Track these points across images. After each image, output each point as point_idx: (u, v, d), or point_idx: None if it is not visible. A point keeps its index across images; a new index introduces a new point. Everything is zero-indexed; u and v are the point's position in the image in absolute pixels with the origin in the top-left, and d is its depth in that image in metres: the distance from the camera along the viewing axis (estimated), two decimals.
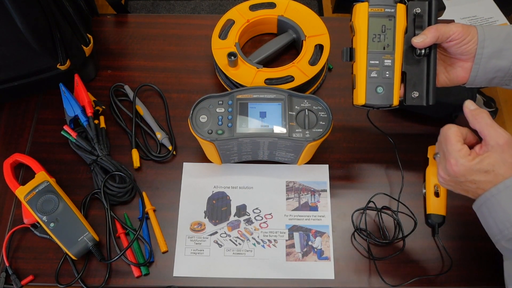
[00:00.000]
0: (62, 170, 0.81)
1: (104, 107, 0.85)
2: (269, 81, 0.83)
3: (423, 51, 0.63)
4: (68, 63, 0.79)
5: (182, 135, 0.85)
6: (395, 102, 0.65)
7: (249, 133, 0.70)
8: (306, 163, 0.82)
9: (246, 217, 0.79)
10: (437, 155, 0.62)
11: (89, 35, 0.85)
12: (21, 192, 0.73)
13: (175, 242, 0.76)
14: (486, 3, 1.21)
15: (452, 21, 0.96)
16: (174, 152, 0.83)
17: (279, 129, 0.70)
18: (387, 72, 0.64)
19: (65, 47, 0.78)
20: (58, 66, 0.79)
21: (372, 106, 0.65)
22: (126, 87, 0.88)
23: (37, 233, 0.74)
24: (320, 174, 0.82)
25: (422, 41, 0.62)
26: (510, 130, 0.88)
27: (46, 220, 0.72)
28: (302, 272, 0.74)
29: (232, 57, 0.81)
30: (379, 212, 0.78)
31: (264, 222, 0.78)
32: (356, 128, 0.86)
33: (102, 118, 0.84)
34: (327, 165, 0.83)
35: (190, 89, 0.90)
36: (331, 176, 0.82)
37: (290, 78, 0.83)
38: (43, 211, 0.72)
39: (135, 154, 0.82)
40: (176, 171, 0.82)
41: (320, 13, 1.78)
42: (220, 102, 0.71)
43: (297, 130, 0.70)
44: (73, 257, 0.71)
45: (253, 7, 0.90)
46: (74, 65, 0.82)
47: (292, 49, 0.93)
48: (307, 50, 0.85)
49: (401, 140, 0.83)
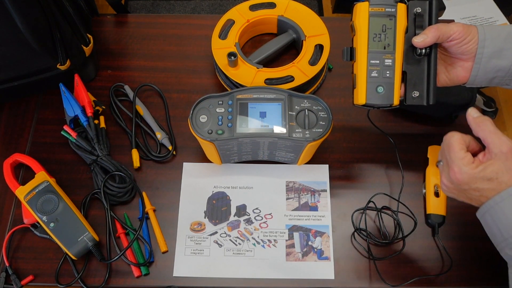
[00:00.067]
0: (62, 170, 0.81)
1: (104, 107, 0.85)
2: (269, 81, 0.83)
3: (424, 51, 0.63)
4: (68, 63, 0.79)
5: (182, 135, 0.85)
6: (396, 102, 0.65)
7: (249, 133, 0.70)
8: (306, 163, 0.82)
9: (246, 217, 0.78)
10: (440, 163, 0.62)
11: (89, 35, 0.85)
12: (21, 192, 0.73)
13: (175, 242, 0.76)
14: (486, 3, 1.21)
15: (452, 21, 0.96)
16: (174, 152, 0.83)
17: (279, 129, 0.70)
18: (388, 72, 0.64)
19: (65, 47, 0.78)
20: (58, 66, 0.79)
21: (373, 106, 0.65)
22: (126, 87, 0.88)
23: (37, 233, 0.74)
24: (320, 174, 0.82)
25: (423, 41, 0.62)
26: (510, 130, 0.88)
27: (46, 220, 0.72)
28: (302, 272, 0.74)
29: (232, 57, 0.81)
30: (379, 212, 0.78)
31: (264, 222, 0.78)
32: (356, 128, 0.86)
33: (102, 118, 0.84)
34: (327, 165, 0.83)
35: (190, 89, 0.90)
36: (331, 176, 0.82)
37: (290, 78, 0.83)
38: (43, 211, 0.72)
39: (135, 154, 0.82)
40: (176, 171, 0.82)
41: (320, 13, 1.78)
42: (220, 102, 0.71)
43: (297, 130, 0.70)
44: (73, 257, 0.71)
45: (253, 7, 0.90)
46: (74, 65, 0.82)
47: (292, 49, 0.93)
48: (307, 50, 0.85)
49: (401, 140, 0.83)
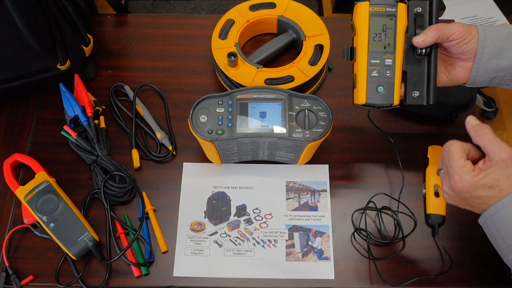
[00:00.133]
0: (62, 170, 0.81)
1: (104, 107, 0.85)
2: (269, 81, 0.83)
3: (424, 51, 0.63)
4: (68, 63, 0.79)
5: (182, 135, 0.85)
6: (396, 102, 0.65)
7: (249, 133, 0.70)
8: (306, 163, 0.82)
9: (246, 217, 0.78)
10: (441, 171, 0.62)
11: (89, 35, 0.85)
12: (21, 192, 0.73)
13: (175, 242, 0.76)
14: (486, 3, 1.21)
15: (452, 21, 0.96)
16: (174, 152, 0.83)
17: (279, 129, 0.70)
18: (388, 72, 0.64)
19: (65, 47, 0.78)
20: (58, 66, 0.79)
21: (373, 106, 0.65)
22: (126, 87, 0.88)
23: (37, 233, 0.74)
24: (320, 174, 0.82)
25: (423, 41, 0.62)
26: (510, 130, 0.88)
27: (46, 220, 0.72)
28: (302, 272, 0.74)
29: (232, 57, 0.81)
30: (379, 212, 0.78)
31: (264, 222, 0.78)
32: (356, 128, 0.86)
33: (102, 118, 0.84)
34: (327, 165, 0.83)
35: (190, 89, 0.90)
36: (331, 176, 0.82)
37: (290, 78, 0.83)
38: (43, 211, 0.72)
39: (135, 154, 0.82)
40: (176, 171, 0.82)
41: (320, 13, 1.78)
42: (220, 102, 0.71)
43: (297, 130, 0.69)
44: (73, 257, 0.71)
45: (253, 7, 0.90)
46: (74, 65, 0.82)
47: (292, 49, 0.93)
48: (307, 50, 0.85)
49: (401, 140, 0.83)
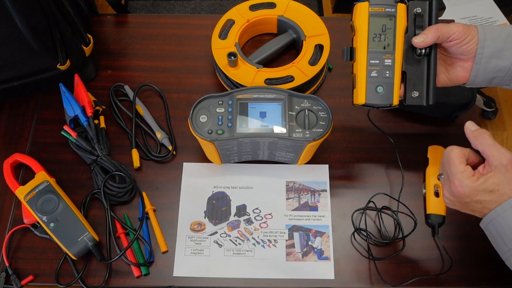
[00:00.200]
0: (62, 170, 0.81)
1: (104, 107, 0.85)
2: (269, 81, 0.83)
3: (424, 51, 0.63)
4: (68, 63, 0.79)
5: (182, 135, 0.85)
6: (395, 102, 0.65)
7: (249, 133, 0.70)
8: (306, 163, 0.82)
9: (246, 217, 0.79)
10: (441, 176, 0.63)
11: (89, 35, 0.85)
12: (21, 192, 0.73)
13: (175, 242, 0.76)
14: (486, 3, 1.21)
15: (452, 21, 0.96)
16: (174, 152, 0.83)
17: (279, 129, 0.70)
18: (387, 72, 0.64)
19: (65, 47, 0.78)
20: (58, 66, 0.79)
21: (372, 106, 0.65)
22: (126, 87, 0.88)
23: (37, 233, 0.74)
24: (320, 174, 0.82)
25: (423, 41, 0.62)
26: (510, 130, 0.88)
27: (46, 220, 0.72)
28: (302, 272, 0.74)
29: (232, 57, 0.81)
30: (379, 212, 0.78)
31: (264, 222, 0.78)
32: (356, 128, 0.86)
33: (102, 118, 0.84)
34: (327, 165, 0.83)
35: (190, 89, 0.90)
36: (331, 176, 0.82)
37: (290, 78, 0.83)
38: (43, 211, 0.72)
39: (135, 154, 0.82)
40: (176, 171, 0.82)
41: (320, 13, 1.78)
42: (220, 102, 0.71)
43: (297, 130, 0.70)
44: (73, 257, 0.71)
45: (253, 7, 0.90)
46: (74, 65, 0.82)
47: (292, 49, 0.93)
48: (307, 50, 0.85)
49: (401, 140, 0.83)
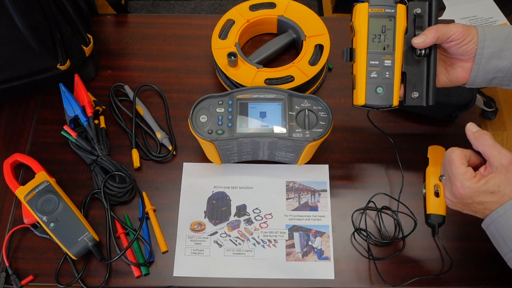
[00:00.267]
0: (62, 170, 0.81)
1: (104, 107, 0.85)
2: (269, 81, 0.83)
3: (423, 52, 0.63)
4: (68, 63, 0.79)
5: (182, 135, 0.85)
6: (395, 103, 0.65)
7: (249, 133, 0.70)
8: (306, 163, 0.82)
9: (246, 217, 0.79)
10: (443, 177, 0.63)
11: (89, 35, 0.85)
12: (21, 192, 0.73)
13: (175, 242, 0.76)
14: (486, 3, 1.21)
15: (452, 21, 0.96)
16: (174, 152, 0.83)
17: (279, 129, 0.70)
18: (387, 73, 0.64)
19: (65, 47, 0.78)
20: (58, 66, 0.79)
21: (372, 107, 0.65)
22: (126, 87, 0.88)
23: (37, 233, 0.74)
24: (320, 174, 0.82)
25: (422, 42, 0.62)
26: (510, 130, 0.88)
27: (46, 220, 0.72)
28: (302, 272, 0.74)
29: (232, 57, 0.81)
30: (379, 212, 0.78)
31: (264, 222, 0.78)
32: (356, 128, 0.86)
33: (102, 118, 0.84)
34: (327, 165, 0.83)
35: (190, 89, 0.90)
36: (331, 176, 0.82)
37: (290, 78, 0.83)
38: (43, 211, 0.72)
39: (135, 154, 0.82)
40: (176, 171, 0.82)
41: (320, 13, 1.78)
42: (220, 102, 0.71)
43: (297, 130, 0.70)
44: (73, 257, 0.71)
45: (253, 7, 0.90)
46: (74, 65, 0.82)
47: (292, 49, 0.93)
48: (307, 50, 0.85)
49: (401, 140, 0.83)
